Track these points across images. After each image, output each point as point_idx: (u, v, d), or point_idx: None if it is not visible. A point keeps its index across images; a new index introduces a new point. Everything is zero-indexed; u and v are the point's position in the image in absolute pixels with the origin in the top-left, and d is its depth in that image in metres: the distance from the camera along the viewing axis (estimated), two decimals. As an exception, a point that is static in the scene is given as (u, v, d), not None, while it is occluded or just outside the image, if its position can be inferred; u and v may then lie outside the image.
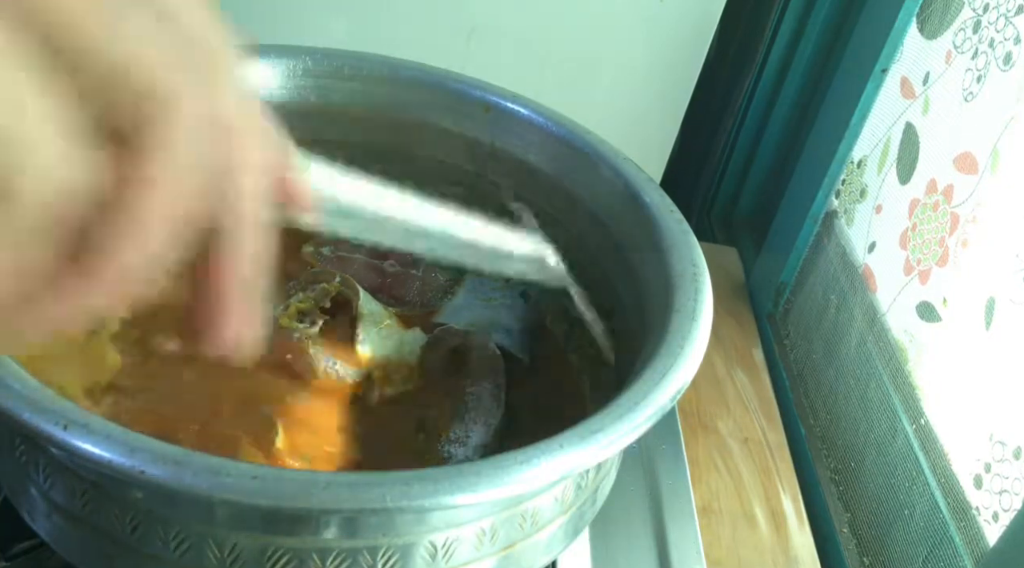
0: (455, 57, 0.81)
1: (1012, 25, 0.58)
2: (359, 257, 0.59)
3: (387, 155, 0.62)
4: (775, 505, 0.66)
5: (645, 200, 0.52)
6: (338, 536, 0.37)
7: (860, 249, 0.73)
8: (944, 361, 0.60)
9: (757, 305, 0.86)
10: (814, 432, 0.74)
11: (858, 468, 0.67)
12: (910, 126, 0.68)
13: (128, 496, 0.37)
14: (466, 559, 0.40)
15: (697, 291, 0.46)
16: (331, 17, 0.80)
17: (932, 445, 0.60)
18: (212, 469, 0.33)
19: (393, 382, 0.52)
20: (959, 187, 0.61)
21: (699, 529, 0.60)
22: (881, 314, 0.68)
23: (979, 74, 0.61)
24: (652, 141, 0.87)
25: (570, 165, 0.57)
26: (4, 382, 0.35)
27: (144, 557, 0.38)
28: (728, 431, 0.71)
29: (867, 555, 0.64)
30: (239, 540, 0.37)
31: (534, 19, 0.80)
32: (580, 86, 0.84)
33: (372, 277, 0.59)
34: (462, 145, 0.60)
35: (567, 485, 0.43)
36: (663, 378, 0.41)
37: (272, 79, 0.58)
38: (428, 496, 0.34)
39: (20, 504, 0.42)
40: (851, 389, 0.70)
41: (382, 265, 0.59)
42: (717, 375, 0.77)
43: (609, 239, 0.54)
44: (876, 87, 0.73)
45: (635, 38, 0.82)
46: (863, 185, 0.74)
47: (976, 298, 0.57)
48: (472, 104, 0.59)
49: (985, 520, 0.54)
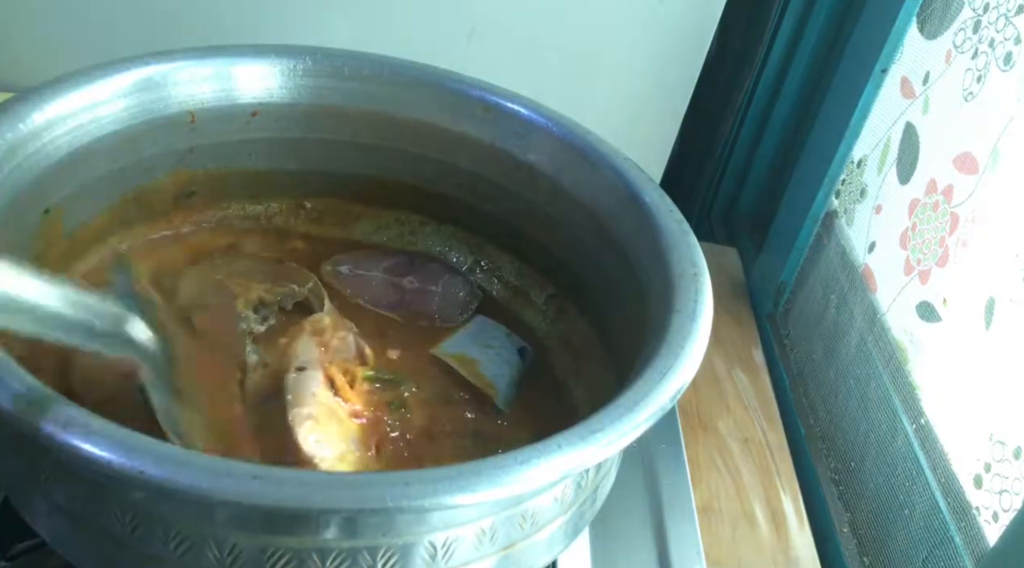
0: (455, 57, 0.81)
1: (1012, 25, 0.58)
2: (377, 275, 0.60)
3: (387, 155, 0.62)
4: (775, 505, 0.66)
5: (645, 200, 0.52)
6: (338, 536, 0.37)
7: (860, 249, 0.73)
8: (944, 361, 0.60)
9: (757, 305, 0.86)
10: (814, 432, 0.74)
11: (858, 468, 0.67)
12: (910, 126, 0.68)
13: (128, 496, 0.37)
14: (466, 559, 0.40)
15: (697, 291, 0.46)
16: (332, 17, 0.80)
17: (932, 445, 0.60)
18: (212, 469, 0.33)
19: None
20: (959, 187, 0.61)
21: (699, 529, 0.60)
22: (881, 314, 0.68)
23: (979, 74, 0.61)
24: (652, 141, 0.87)
25: (570, 165, 0.57)
26: (4, 382, 0.35)
27: (144, 557, 0.38)
28: (728, 431, 0.71)
29: (867, 555, 0.64)
30: (239, 540, 0.37)
31: (534, 19, 0.80)
32: (580, 86, 0.84)
33: (391, 294, 0.59)
34: (462, 145, 0.60)
35: (567, 485, 0.43)
36: (663, 378, 0.41)
37: (272, 79, 0.58)
38: (428, 496, 0.34)
39: (20, 504, 0.42)
40: (851, 389, 0.70)
41: (401, 282, 0.60)
42: (717, 375, 0.77)
43: (609, 239, 0.54)
44: (876, 87, 0.73)
45: (635, 38, 0.82)
46: (863, 185, 0.74)
47: (976, 298, 0.57)
48: (472, 104, 0.59)
49: (985, 520, 0.54)
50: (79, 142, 0.50)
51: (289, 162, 0.61)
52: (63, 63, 0.52)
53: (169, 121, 0.55)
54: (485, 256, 0.64)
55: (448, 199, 0.63)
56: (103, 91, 0.52)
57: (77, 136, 0.50)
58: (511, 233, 0.62)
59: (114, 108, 0.52)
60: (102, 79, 0.52)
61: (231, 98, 0.57)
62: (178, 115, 0.55)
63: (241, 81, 0.57)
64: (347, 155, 0.62)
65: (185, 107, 0.55)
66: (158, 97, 0.54)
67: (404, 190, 0.63)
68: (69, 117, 0.50)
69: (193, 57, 0.55)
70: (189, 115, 0.56)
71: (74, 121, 0.50)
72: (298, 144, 0.60)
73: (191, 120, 0.56)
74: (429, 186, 0.63)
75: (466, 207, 0.62)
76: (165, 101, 0.54)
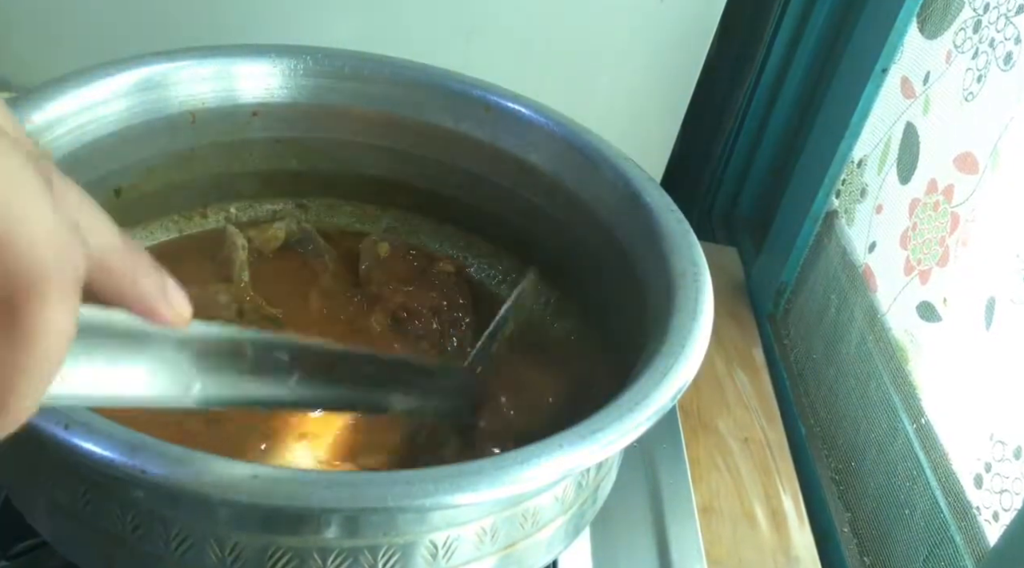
0: (455, 57, 0.81)
1: (1012, 25, 0.58)
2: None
3: (387, 155, 0.62)
4: (775, 505, 0.66)
5: (645, 200, 0.52)
6: (339, 535, 0.37)
7: (860, 249, 0.73)
8: (944, 361, 0.61)
9: (757, 305, 0.86)
10: (814, 432, 0.74)
11: (858, 468, 0.67)
12: (910, 126, 0.68)
13: (129, 495, 0.37)
14: (467, 558, 0.40)
15: (697, 291, 0.46)
16: (332, 17, 0.80)
17: (932, 445, 0.60)
18: (213, 469, 0.33)
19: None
20: (959, 187, 0.61)
21: (699, 528, 0.60)
22: (881, 314, 0.68)
23: (979, 74, 0.61)
24: (652, 141, 0.87)
25: (570, 165, 0.57)
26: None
27: (145, 556, 0.38)
28: (728, 431, 0.71)
29: (867, 555, 0.64)
30: (240, 539, 0.37)
31: (534, 19, 0.80)
32: (580, 86, 0.84)
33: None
34: (462, 145, 0.60)
35: (568, 484, 0.43)
36: (663, 378, 0.41)
37: (272, 79, 0.58)
38: (429, 495, 0.34)
39: (21, 503, 0.42)
40: (851, 389, 0.70)
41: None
42: (717, 375, 0.77)
43: (609, 239, 0.54)
44: (876, 87, 0.73)
45: (635, 38, 0.82)
46: (863, 185, 0.74)
47: (976, 298, 0.57)
48: (472, 104, 0.59)
49: (985, 520, 0.54)
50: (79, 142, 0.50)
51: (289, 162, 0.61)
52: (63, 63, 0.52)
53: (169, 121, 0.55)
54: (485, 256, 0.64)
55: (448, 199, 0.63)
56: (103, 91, 0.52)
57: (77, 136, 0.50)
58: (511, 233, 0.62)
59: (114, 108, 0.52)
60: (102, 79, 0.52)
61: (231, 98, 0.57)
62: (179, 115, 0.55)
63: (241, 81, 0.57)
64: (347, 155, 0.62)
65: (185, 107, 0.55)
66: (158, 97, 0.54)
67: (404, 190, 0.63)
68: (69, 117, 0.50)
69: (193, 57, 0.55)
70: (190, 115, 0.56)
71: (74, 121, 0.50)
72: (298, 144, 0.60)
73: (191, 120, 0.56)
74: (429, 186, 0.63)
75: (466, 207, 0.62)
76: (165, 101, 0.54)
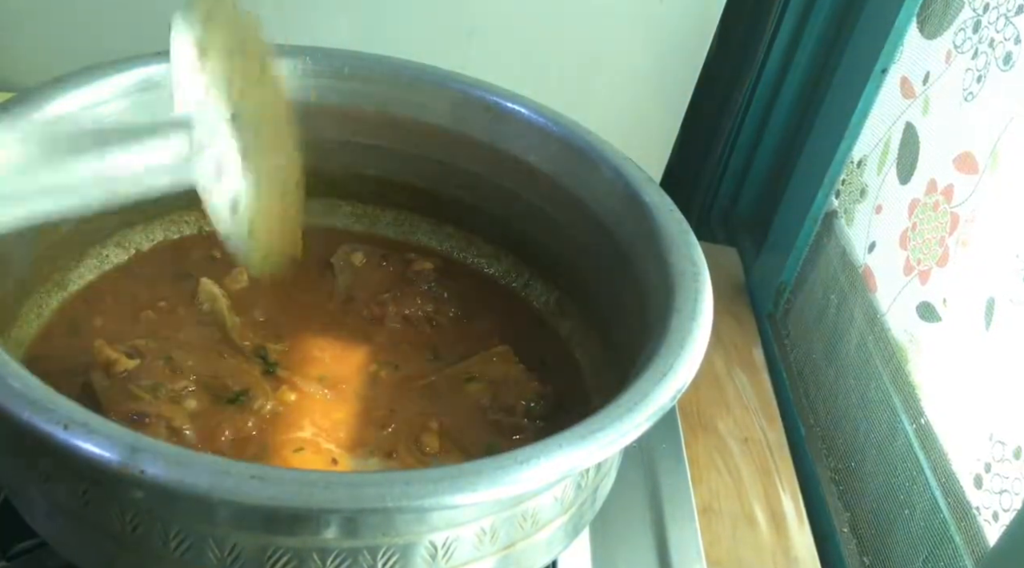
0: (455, 57, 0.81)
1: (1012, 25, 0.58)
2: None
3: (387, 155, 0.62)
4: (775, 505, 0.66)
5: (645, 200, 0.52)
6: (338, 536, 0.37)
7: (860, 249, 0.73)
8: (944, 361, 0.60)
9: (757, 305, 0.86)
10: (814, 432, 0.74)
11: (858, 468, 0.67)
12: (910, 126, 0.68)
13: (128, 496, 0.37)
14: (466, 559, 0.40)
15: (697, 291, 0.46)
16: (332, 17, 0.80)
17: (932, 445, 0.60)
18: (212, 469, 0.33)
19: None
20: (959, 187, 0.61)
21: (699, 529, 0.60)
22: (881, 314, 0.68)
23: (979, 74, 0.61)
24: (652, 141, 0.87)
25: (570, 165, 0.57)
26: (4, 381, 0.35)
27: (144, 556, 0.38)
28: (728, 431, 0.71)
29: (867, 555, 0.64)
30: (239, 540, 0.37)
31: (534, 19, 0.80)
32: (580, 86, 0.84)
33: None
34: (462, 145, 0.60)
35: (567, 485, 0.43)
36: (663, 378, 0.41)
37: (272, 79, 0.58)
38: (428, 496, 0.34)
39: (20, 504, 0.42)
40: (851, 389, 0.70)
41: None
42: (717, 375, 0.77)
43: (609, 239, 0.54)
44: (876, 87, 0.73)
45: (635, 38, 0.82)
46: (863, 185, 0.74)
47: (976, 298, 0.57)
48: (472, 104, 0.59)
49: (985, 520, 0.54)
50: (79, 142, 0.50)
51: (289, 162, 0.61)
52: (63, 63, 0.52)
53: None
54: (485, 256, 0.64)
55: (448, 199, 0.63)
56: (103, 91, 0.52)
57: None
58: (511, 233, 0.62)
59: (114, 108, 0.52)
60: (102, 79, 0.52)
61: (231, 98, 0.57)
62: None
63: (241, 81, 0.57)
64: (347, 155, 0.62)
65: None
66: (158, 97, 0.54)
67: (404, 190, 0.63)
68: (69, 117, 0.50)
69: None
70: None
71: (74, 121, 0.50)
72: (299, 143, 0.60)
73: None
74: (429, 186, 0.63)
75: (466, 207, 0.62)
76: (166, 101, 0.54)
